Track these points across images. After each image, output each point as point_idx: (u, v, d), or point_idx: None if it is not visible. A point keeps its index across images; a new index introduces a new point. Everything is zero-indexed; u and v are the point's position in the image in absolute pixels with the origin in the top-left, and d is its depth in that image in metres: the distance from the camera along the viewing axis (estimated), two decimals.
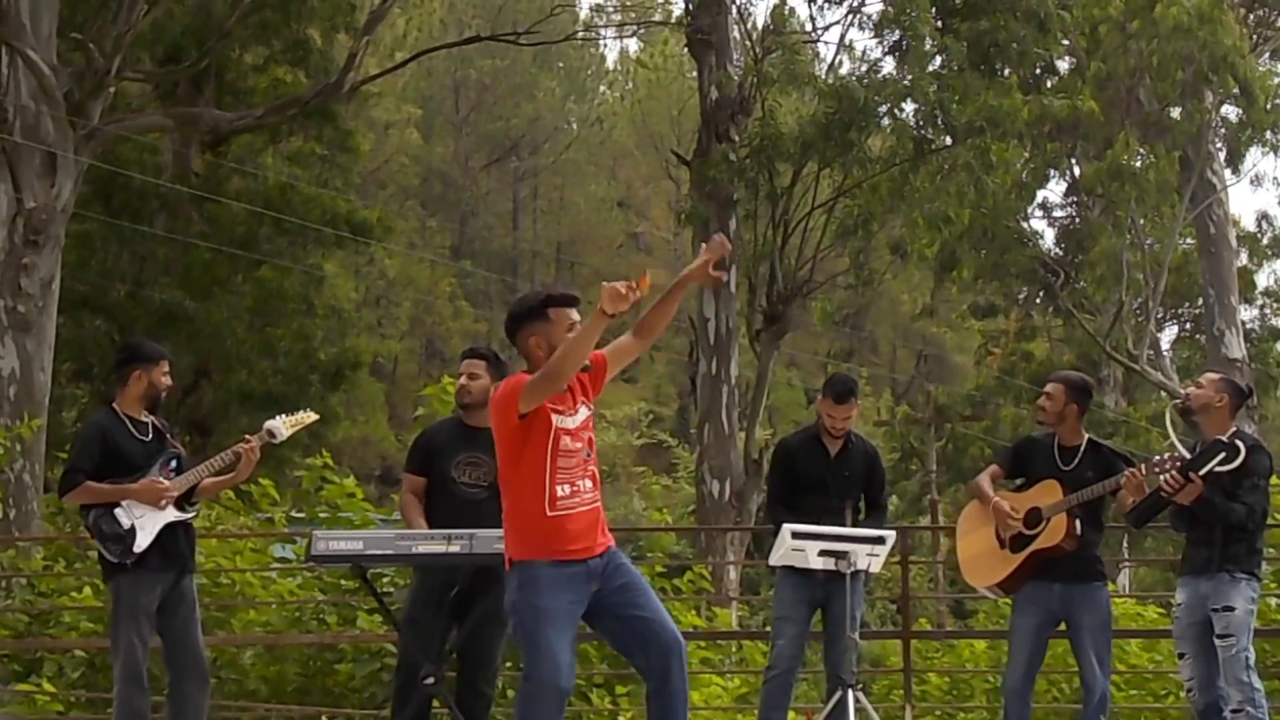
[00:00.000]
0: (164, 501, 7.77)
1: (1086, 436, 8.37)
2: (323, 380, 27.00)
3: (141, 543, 7.70)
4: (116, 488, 7.75)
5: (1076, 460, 8.24)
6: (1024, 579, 8.23)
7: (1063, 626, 8.34)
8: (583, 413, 6.38)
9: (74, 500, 7.94)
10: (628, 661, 6.69)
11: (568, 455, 6.27)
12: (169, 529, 7.81)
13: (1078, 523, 8.09)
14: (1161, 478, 7.77)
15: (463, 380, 8.23)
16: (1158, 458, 7.95)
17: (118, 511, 7.73)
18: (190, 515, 8.00)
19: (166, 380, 8.04)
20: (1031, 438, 8.69)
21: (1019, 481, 8.53)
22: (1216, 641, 7.66)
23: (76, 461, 7.88)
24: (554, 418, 6.26)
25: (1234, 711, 7.59)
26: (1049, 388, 8.45)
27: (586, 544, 6.28)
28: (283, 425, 8.19)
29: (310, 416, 8.41)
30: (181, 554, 7.92)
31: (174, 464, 7.97)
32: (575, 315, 6.35)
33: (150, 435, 8.00)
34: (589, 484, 6.36)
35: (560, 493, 6.24)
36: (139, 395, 7.99)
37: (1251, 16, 32.03)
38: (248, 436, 8.09)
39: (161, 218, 25.67)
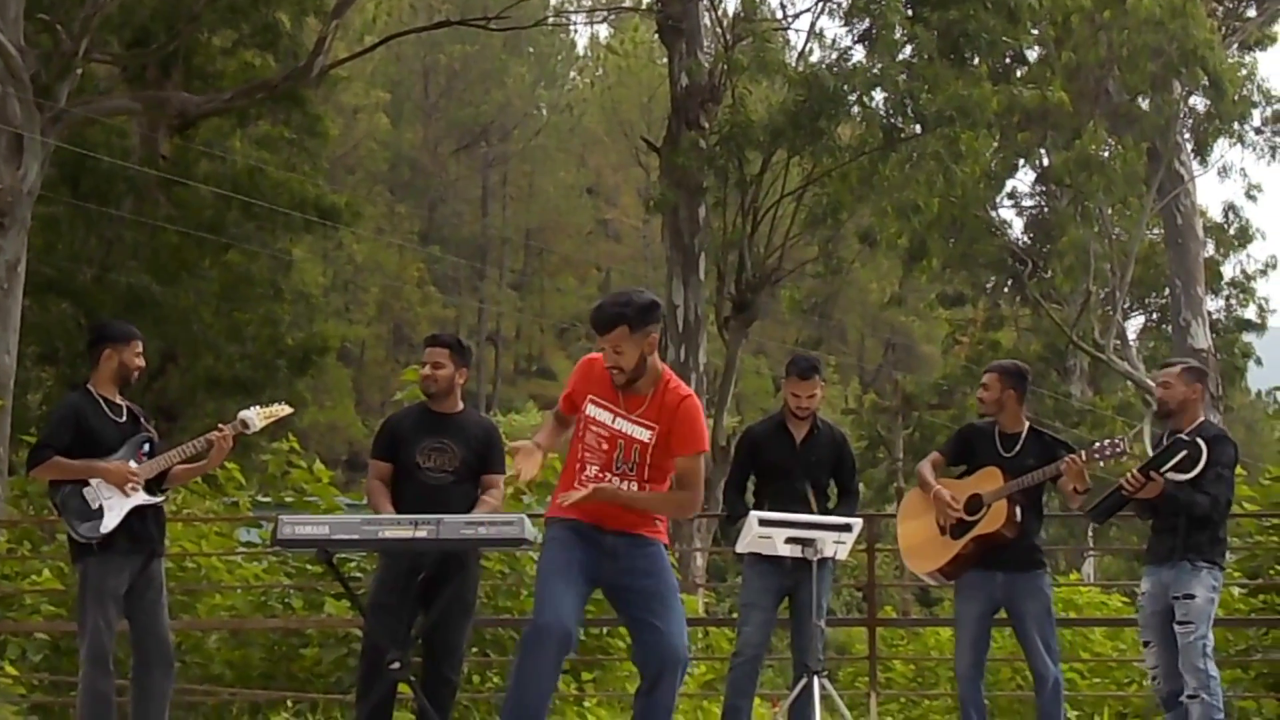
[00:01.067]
0: (131, 486, 7.75)
1: (1028, 424, 8.45)
2: (290, 365, 26.91)
3: (109, 523, 7.68)
4: (84, 464, 7.72)
5: (1018, 447, 8.31)
6: (965, 565, 8.30)
7: (1004, 615, 8.40)
8: (619, 423, 6.57)
9: (42, 475, 7.91)
10: (632, 654, 6.86)
11: (591, 449, 6.58)
12: (138, 513, 7.79)
13: (1018, 509, 8.14)
14: (1123, 478, 7.83)
15: (426, 370, 8.20)
16: (1098, 444, 8.00)
17: (86, 491, 7.71)
18: (160, 499, 7.98)
19: (138, 361, 8.01)
20: (974, 425, 8.76)
21: (962, 469, 8.59)
22: (1176, 628, 7.71)
23: (48, 438, 7.85)
24: (588, 408, 6.62)
25: (1189, 697, 7.65)
26: (985, 378, 8.56)
27: (603, 518, 6.52)
28: (257, 416, 8.16)
29: (284, 410, 8.37)
30: (150, 538, 7.90)
31: (146, 447, 7.94)
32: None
33: (124, 417, 7.98)
34: (623, 484, 6.56)
35: (588, 472, 6.56)
36: (110, 375, 7.96)
37: (1220, 8, 32.13)
38: (221, 426, 8.05)
39: (129, 201, 25.54)
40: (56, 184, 23.11)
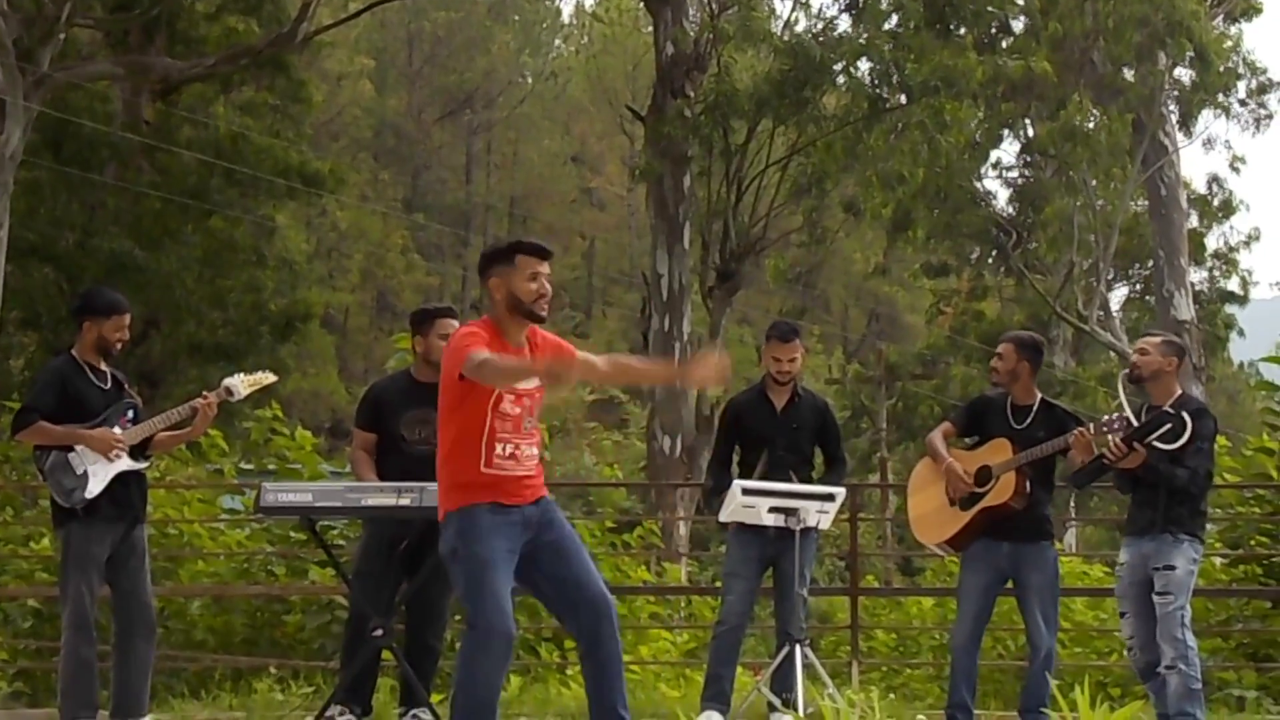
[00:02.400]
0: (115, 453, 7.74)
1: (1040, 396, 8.43)
2: (273, 332, 26.88)
3: (93, 489, 7.67)
4: (68, 430, 7.71)
5: (1029, 419, 8.31)
6: (972, 536, 8.30)
7: (1010, 585, 8.42)
8: (534, 380, 6.30)
9: (26, 439, 7.90)
10: (559, 623, 6.60)
11: (506, 418, 6.19)
12: (121, 479, 7.78)
13: (1027, 481, 8.15)
14: (1109, 440, 7.83)
15: (443, 343, 8.06)
16: (1107, 418, 8.01)
17: (71, 457, 7.70)
18: (143, 466, 7.97)
19: (119, 335, 7.94)
20: (986, 396, 8.74)
21: (972, 440, 8.59)
22: (1155, 598, 7.73)
23: (33, 402, 7.84)
24: None
25: (1167, 668, 7.67)
26: (1001, 348, 8.52)
27: (521, 496, 6.23)
28: (241, 384, 8.14)
29: (269, 377, 8.35)
30: (133, 504, 7.89)
31: (131, 414, 7.93)
32: (544, 267, 6.31)
33: (109, 384, 7.97)
34: (531, 451, 6.30)
35: (499, 450, 6.19)
36: (91, 346, 7.94)
37: None
38: (205, 393, 8.03)
39: (111, 167, 25.46)
40: (39, 149, 23.03)
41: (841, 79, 24.61)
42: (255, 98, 28.25)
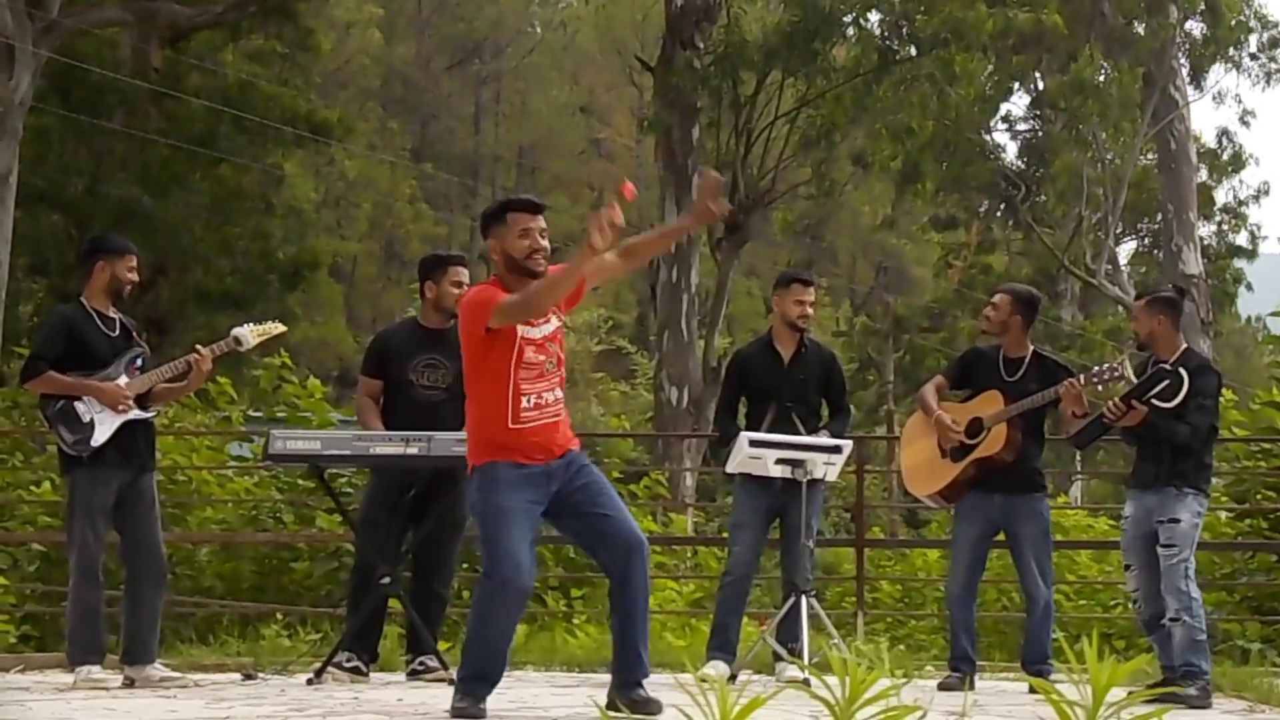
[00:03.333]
0: (122, 407, 7.74)
1: (1032, 348, 8.48)
2: (281, 280, 26.87)
3: (100, 437, 7.68)
4: (78, 381, 7.71)
5: (1021, 372, 8.35)
6: (964, 488, 8.35)
7: (1002, 537, 8.47)
8: (552, 324, 6.33)
9: (35, 388, 7.91)
10: (590, 558, 6.70)
11: (530, 367, 6.22)
12: (128, 427, 7.78)
13: (1019, 433, 8.19)
14: (1104, 406, 7.85)
15: (457, 290, 8.10)
16: (1096, 368, 8.06)
17: (78, 405, 7.70)
18: (151, 415, 7.98)
19: (131, 275, 7.96)
20: (978, 349, 8.79)
21: (965, 393, 8.62)
22: (1159, 550, 7.75)
23: (40, 349, 7.85)
24: (519, 329, 6.20)
25: (1171, 620, 7.70)
26: (996, 298, 8.57)
27: (547, 450, 6.26)
28: (250, 334, 8.15)
29: (278, 328, 8.35)
30: (139, 452, 7.89)
31: (139, 362, 7.93)
32: (537, 222, 6.31)
33: (117, 331, 7.96)
34: (554, 395, 6.32)
35: (524, 404, 6.21)
36: (103, 288, 7.93)
37: None
38: (199, 347, 8.01)
39: (120, 113, 25.40)
40: (47, 95, 22.98)
41: (851, 31, 24.54)
42: (264, 45, 28.18)
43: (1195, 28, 30.75)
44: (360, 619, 8.02)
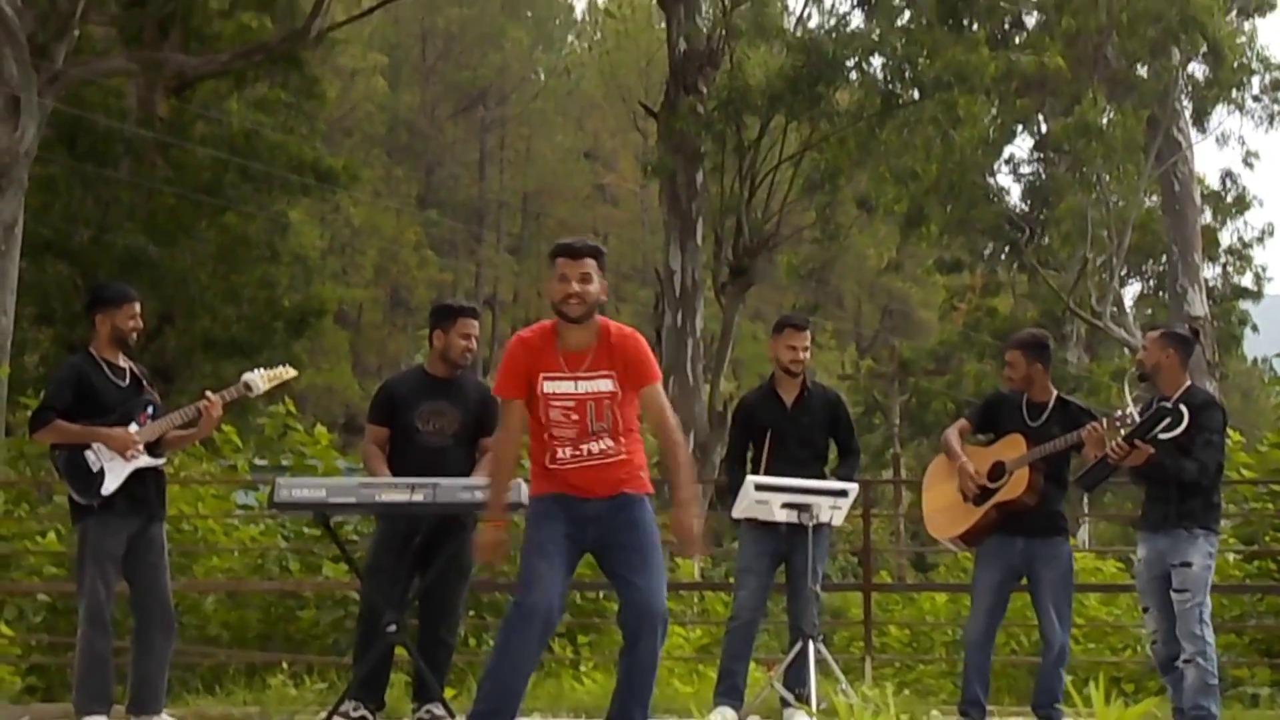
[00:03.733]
0: (131, 454, 7.73)
1: (1055, 393, 8.43)
2: (287, 327, 26.94)
3: (110, 485, 7.67)
4: (86, 429, 7.70)
5: (1044, 416, 8.30)
6: (986, 532, 8.30)
7: (1023, 581, 8.42)
8: (581, 385, 6.45)
9: (44, 438, 7.90)
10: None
11: (561, 425, 6.43)
12: (138, 475, 7.77)
13: (1041, 477, 8.15)
14: (1108, 446, 7.83)
15: (464, 343, 8.18)
16: (1119, 413, 8.01)
17: (88, 453, 7.69)
18: (160, 462, 7.96)
19: (133, 323, 7.95)
20: (1002, 394, 8.73)
21: (988, 437, 8.59)
22: (1173, 594, 7.73)
23: (50, 400, 7.83)
24: (544, 384, 6.43)
25: (1185, 662, 7.68)
26: (1008, 356, 8.51)
27: (589, 489, 6.46)
28: (260, 379, 8.14)
29: (289, 372, 8.35)
30: (149, 500, 7.88)
31: (150, 411, 7.92)
32: (571, 268, 6.41)
33: (127, 380, 7.95)
34: (599, 446, 6.48)
35: (560, 454, 6.45)
36: (107, 339, 7.93)
37: None
38: (208, 394, 8.01)
39: (126, 162, 25.52)
40: (53, 145, 23.09)
41: (854, 75, 24.60)
42: (269, 94, 28.30)
43: (1198, 70, 30.79)
44: (367, 667, 7.99)
